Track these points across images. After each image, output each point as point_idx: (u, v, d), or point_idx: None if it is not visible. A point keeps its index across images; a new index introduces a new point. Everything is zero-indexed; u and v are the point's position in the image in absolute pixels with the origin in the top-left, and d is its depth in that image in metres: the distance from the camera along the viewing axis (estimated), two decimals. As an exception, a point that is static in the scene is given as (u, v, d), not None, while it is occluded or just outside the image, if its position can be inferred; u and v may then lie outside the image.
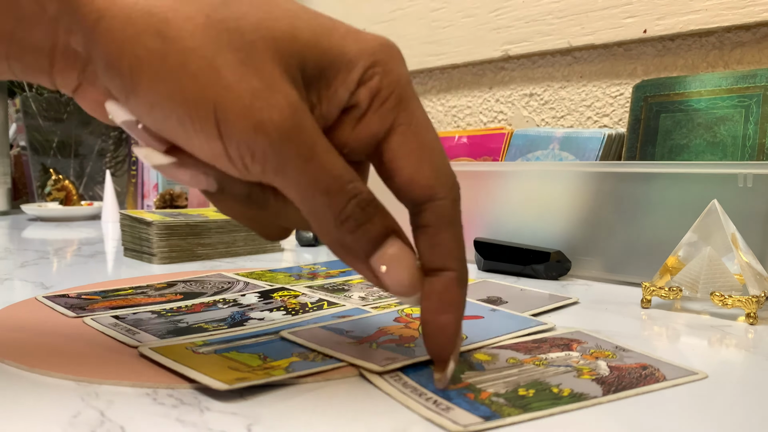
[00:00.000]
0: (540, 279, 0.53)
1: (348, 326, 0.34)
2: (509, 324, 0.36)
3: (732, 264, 0.41)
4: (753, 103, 0.58)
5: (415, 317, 0.37)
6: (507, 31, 0.82)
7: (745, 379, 0.29)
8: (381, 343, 0.31)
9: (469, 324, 0.35)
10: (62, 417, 0.23)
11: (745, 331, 0.37)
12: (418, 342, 0.32)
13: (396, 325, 0.35)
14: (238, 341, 0.31)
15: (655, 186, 0.49)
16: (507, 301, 0.42)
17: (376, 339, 0.32)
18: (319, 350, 0.30)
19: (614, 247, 0.51)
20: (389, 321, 0.36)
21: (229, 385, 0.25)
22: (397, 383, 0.27)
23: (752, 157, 0.57)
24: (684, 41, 0.70)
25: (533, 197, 0.56)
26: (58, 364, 0.29)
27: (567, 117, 0.80)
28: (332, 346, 0.31)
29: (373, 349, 0.30)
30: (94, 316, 0.37)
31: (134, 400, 0.25)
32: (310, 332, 0.33)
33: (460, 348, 0.28)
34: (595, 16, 0.74)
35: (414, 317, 0.37)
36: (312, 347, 0.31)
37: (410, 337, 0.33)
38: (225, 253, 0.63)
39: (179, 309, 0.38)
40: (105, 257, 0.63)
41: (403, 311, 0.38)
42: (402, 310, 0.38)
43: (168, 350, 0.29)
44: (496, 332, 0.34)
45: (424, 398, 0.25)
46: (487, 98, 0.89)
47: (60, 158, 1.24)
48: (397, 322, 0.36)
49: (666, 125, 0.63)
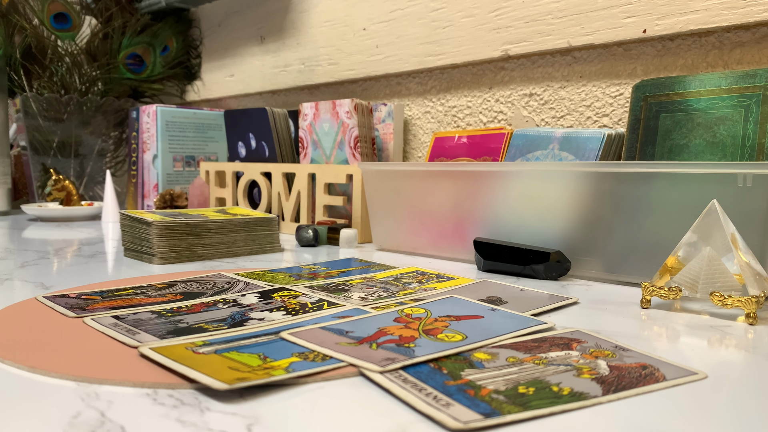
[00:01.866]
0: (540, 279, 0.53)
1: (348, 327, 0.34)
2: (509, 324, 0.36)
3: (731, 264, 0.41)
4: (752, 103, 0.58)
5: (414, 317, 0.37)
6: (507, 31, 0.82)
7: (745, 379, 0.29)
8: (381, 344, 0.31)
9: (470, 324, 0.35)
10: (62, 417, 0.23)
11: (745, 331, 0.37)
12: (418, 342, 0.32)
13: (396, 326, 0.35)
14: (238, 341, 0.31)
15: (655, 186, 0.49)
16: (507, 301, 0.42)
17: (376, 339, 0.32)
18: (318, 351, 0.30)
19: (614, 247, 0.51)
20: (389, 321, 0.36)
21: (229, 385, 0.25)
22: (397, 379, 0.27)
23: (752, 157, 0.57)
24: (684, 41, 0.70)
25: (533, 197, 0.56)
26: (58, 364, 0.29)
27: (567, 117, 0.80)
28: (332, 346, 0.31)
29: (373, 349, 0.30)
30: (94, 316, 0.37)
31: (134, 401, 0.25)
32: (310, 333, 0.33)
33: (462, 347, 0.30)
34: (594, 16, 0.74)
35: (414, 317, 0.37)
36: (312, 348, 0.31)
37: (410, 337, 0.33)
38: (225, 254, 0.63)
39: (179, 309, 0.38)
40: (105, 257, 0.63)
41: (403, 311, 0.38)
42: (402, 311, 0.38)
43: (168, 350, 0.29)
44: (496, 332, 0.34)
45: (424, 393, 0.25)
46: (487, 98, 0.89)
47: (60, 158, 1.24)
48: (396, 322, 0.36)
49: (666, 125, 0.63)
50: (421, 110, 0.98)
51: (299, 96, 1.19)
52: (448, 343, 0.32)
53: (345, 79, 1.05)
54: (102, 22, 1.32)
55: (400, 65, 0.96)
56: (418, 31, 0.93)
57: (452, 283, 0.48)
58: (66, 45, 1.28)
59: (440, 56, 0.91)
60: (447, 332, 0.34)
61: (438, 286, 0.47)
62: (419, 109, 0.98)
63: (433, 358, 0.29)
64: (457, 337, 0.33)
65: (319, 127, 0.91)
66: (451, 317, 0.37)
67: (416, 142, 0.99)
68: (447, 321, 0.36)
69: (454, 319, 0.36)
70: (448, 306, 0.40)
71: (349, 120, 0.86)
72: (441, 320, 0.36)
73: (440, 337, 0.33)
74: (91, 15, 1.34)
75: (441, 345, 0.31)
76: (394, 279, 0.49)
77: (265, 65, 1.23)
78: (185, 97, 1.47)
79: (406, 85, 1.00)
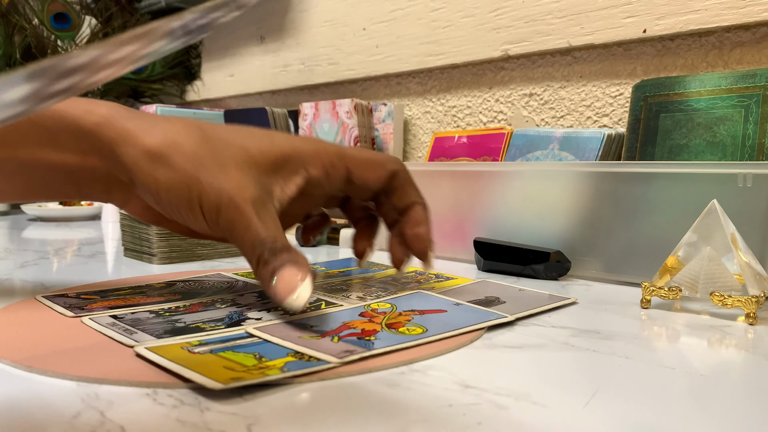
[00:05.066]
0: (540, 279, 0.53)
1: (314, 321, 0.36)
2: (471, 317, 0.37)
3: (731, 264, 0.41)
4: (753, 103, 0.58)
5: (380, 312, 0.38)
6: (507, 31, 0.82)
7: (745, 379, 0.29)
8: (342, 337, 0.32)
9: (432, 318, 0.36)
10: (62, 417, 0.23)
11: (745, 331, 0.37)
12: (379, 335, 0.33)
13: (360, 320, 0.36)
14: (234, 341, 0.31)
15: (654, 186, 0.49)
16: (505, 302, 0.42)
17: (338, 333, 0.33)
18: (280, 344, 0.31)
19: (614, 247, 0.51)
20: (354, 316, 0.37)
21: (223, 385, 0.25)
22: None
23: (752, 157, 0.57)
24: (684, 41, 0.70)
25: (533, 197, 0.56)
26: (58, 364, 0.29)
27: (567, 117, 0.80)
28: (294, 339, 0.32)
29: (334, 342, 0.31)
30: (92, 315, 0.37)
31: (134, 400, 0.25)
32: (275, 327, 0.34)
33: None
34: (594, 16, 0.74)
35: (379, 312, 0.38)
36: (274, 341, 0.31)
37: (372, 330, 0.34)
38: (225, 253, 0.63)
39: (177, 309, 0.38)
40: (105, 257, 0.63)
41: (369, 306, 0.39)
42: (368, 306, 0.39)
43: (164, 350, 0.29)
44: (456, 325, 0.35)
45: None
46: (486, 98, 0.89)
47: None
48: (362, 317, 0.37)
49: (666, 125, 0.63)
50: (421, 110, 0.98)
51: (299, 96, 1.19)
52: (408, 336, 0.33)
53: (345, 79, 1.05)
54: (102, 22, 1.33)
55: (400, 65, 0.96)
56: (418, 31, 0.93)
57: (451, 283, 0.48)
58: (66, 45, 1.28)
59: (440, 56, 0.91)
60: (409, 326, 0.35)
61: (437, 286, 0.47)
62: (419, 109, 0.98)
63: (389, 351, 0.31)
64: (417, 330, 0.34)
65: (319, 127, 0.91)
66: (416, 311, 0.38)
67: (416, 142, 0.99)
68: (411, 315, 0.37)
69: (417, 314, 0.37)
70: (414, 301, 0.41)
71: (349, 120, 0.86)
72: (405, 314, 0.37)
73: (401, 330, 0.34)
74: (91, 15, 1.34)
75: (400, 338, 0.32)
76: (393, 279, 0.49)
77: (265, 65, 1.23)
78: (185, 97, 1.47)
79: (406, 85, 1.00)
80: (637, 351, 0.33)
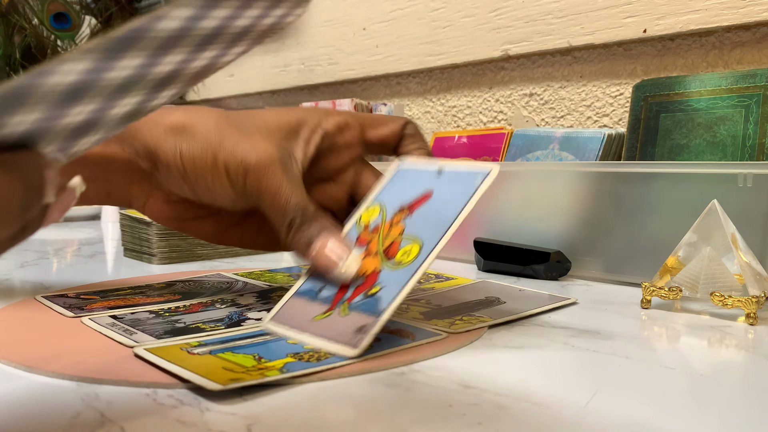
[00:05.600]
0: (540, 279, 0.53)
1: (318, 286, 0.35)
2: (459, 199, 0.35)
3: (732, 264, 0.41)
4: (753, 103, 0.58)
5: (372, 228, 0.36)
6: (507, 31, 0.82)
7: (745, 379, 0.29)
8: (350, 300, 0.32)
9: (422, 215, 0.35)
10: (62, 417, 0.23)
11: (745, 331, 0.37)
12: (381, 278, 0.32)
13: (359, 253, 0.35)
14: (234, 342, 0.31)
15: (655, 186, 0.49)
16: (505, 302, 0.42)
17: (344, 296, 0.33)
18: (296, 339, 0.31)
19: (614, 247, 0.51)
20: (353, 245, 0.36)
21: (222, 386, 0.25)
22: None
23: (752, 157, 0.57)
24: (684, 41, 0.70)
25: (533, 197, 0.56)
26: (58, 364, 0.28)
27: (567, 117, 0.80)
28: (306, 326, 0.32)
29: (344, 316, 0.31)
30: (92, 316, 0.37)
31: (134, 401, 0.25)
32: (285, 312, 0.34)
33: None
34: (594, 16, 0.74)
35: (372, 228, 0.36)
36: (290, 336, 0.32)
37: (374, 274, 0.33)
38: (225, 254, 0.63)
39: (177, 309, 0.38)
40: (105, 257, 0.63)
41: (362, 222, 0.37)
42: (360, 221, 0.37)
43: (163, 351, 0.29)
44: (442, 218, 0.34)
45: None
46: (487, 98, 0.89)
47: (60, 158, 1.24)
48: (360, 245, 0.35)
49: (666, 125, 0.63)
50: (421, 110, 0.98)
51: (299, 96, 1.19)
52: (408, 268, 0.32)
53: (345, 78, 1.05)
54: (102, 22, 1.32)
55: (400, 65, 0.96)
56: (418, 31, 0.93)
57: (451, 283, 0.48)
58: (66, 45, 1.28)
59: (440, 56, 0.91)
60: (404, 245, 0.33)
61: (437, 286, 0.47)
62: (419, 109, 0.98)
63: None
64: (414, 251, 0.33)
65: (319, 127, 0.91)
66: (404, 209, 0.36)
67: (416, 142, 0.99)
68: (401, 217, 0.35)
69: (407, 212, 0.35)
70: (399, 187, 0.38)
71: (348, 120, 0.86)
72: (396, 220, 0.35)
73: (399, 259, 0.33)
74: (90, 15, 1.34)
75: (402, 275, 0.32)
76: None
77: (265, 65, 1.23)
78: (185, 97, 1.47)
79: (406, 85, 1.00)
80: (638, 351, 0.33)
